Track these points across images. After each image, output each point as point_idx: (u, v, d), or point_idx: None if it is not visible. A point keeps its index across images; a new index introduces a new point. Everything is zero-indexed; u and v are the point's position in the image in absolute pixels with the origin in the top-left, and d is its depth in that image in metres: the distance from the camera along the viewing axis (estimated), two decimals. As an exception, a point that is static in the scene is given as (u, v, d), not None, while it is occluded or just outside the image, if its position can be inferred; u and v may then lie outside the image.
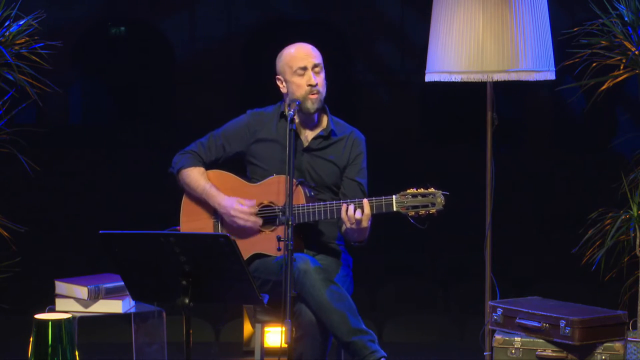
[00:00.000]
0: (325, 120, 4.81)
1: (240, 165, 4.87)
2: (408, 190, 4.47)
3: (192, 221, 4.79)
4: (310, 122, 4.77)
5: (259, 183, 4.72)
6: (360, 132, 4.86)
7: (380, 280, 7.60)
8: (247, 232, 4.66)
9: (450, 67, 4.73)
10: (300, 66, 4.66)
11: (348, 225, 4.47)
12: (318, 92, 4.67)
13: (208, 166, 4.82)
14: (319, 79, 4.68)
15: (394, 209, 4.46)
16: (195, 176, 4.78)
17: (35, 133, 5.52)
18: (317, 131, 4.78)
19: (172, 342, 5.05)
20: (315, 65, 4.68)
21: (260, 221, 4.65)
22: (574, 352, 4.42)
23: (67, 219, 8.27)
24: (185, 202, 4.83)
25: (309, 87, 4.65)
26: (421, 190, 4.46)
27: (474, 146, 6.52)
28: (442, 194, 4.45)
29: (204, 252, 3.84)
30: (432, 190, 4.46)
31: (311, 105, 4.66)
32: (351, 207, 4.46)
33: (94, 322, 5.17)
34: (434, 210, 4.44)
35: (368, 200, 4.49)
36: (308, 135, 4.79)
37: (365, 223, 4.47)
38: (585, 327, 4.36)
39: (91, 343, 6.18)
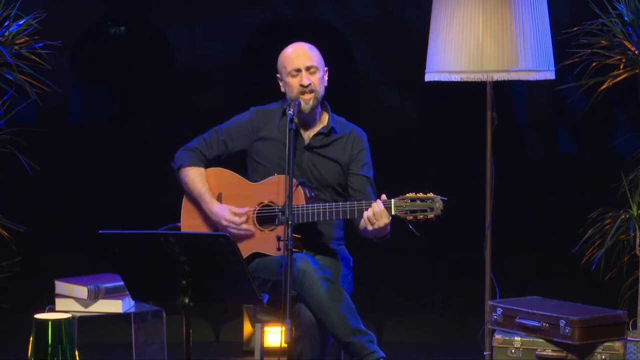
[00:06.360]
0: (326, 118, 4.81)
1: (241, 163, 4.87)
2: (407, 194, 4.46)
3: (193, 218, 4.79)
4: (311, 120, 4.77)
5: (259, 182, 4.72)
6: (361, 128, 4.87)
7: (380, 280, 7.60)
8: (241, 237, 4.66)
9: (450, 66, 4.73)
10: (295, 68, 4.68)
11: (370, 227, 4.46)
12: (312, 92, 4.68)
13: (210, 162, 4.82)
14: (314, 79, 4.68)
15: (392, 212, 4.45)
16: (193, 177, 4.77)
17: (35, 133, 5.52)
18: (318, 128, 4.79)
19: (172, 342, 5.05)
20: (309, 67, 4.68)
21: (252, 229, 4.65)
22: (574, 352, 4.42)
23: (67, 219, 8.27)
24: (186, 199, 4.83)
25: (301, 88, 4.66)
26: (420, 195, 4.45)
27: (474, 146, 6.52)
28: (441, 199, 4.44)
29: (204, 252, 3.83)
30: (430, 195, 4.45)
31: (304, 105, 4.67)
32: (377, 206, 4.43)
33: (94, 322, 5.17)
34: (432, 215, 4.43)
35: (366, 202, 4.49)
36: (309, 133, 4.79)
37: (386, 219, 4.45)
38: (585, 326, 4.37)
39: (91, 343, 6.18)
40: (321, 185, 4.74)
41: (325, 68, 4.76)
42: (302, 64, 4.67)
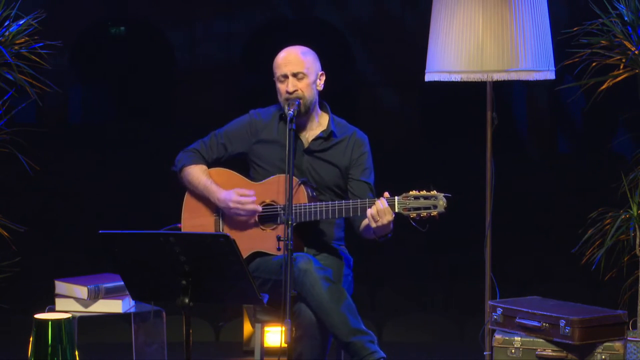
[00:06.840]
0: (326, 120, 4.81)
1: (243, 163, 4.88)
2: (410, 192, 4.46)
3: (194, 218, 4.79)
4: (308, 122, 4.77)
5: (261, 182, 4.73)
6: (362, 131, 4.86)
7: (380, 280, 7.60)
8: (248, 224, 4.66)
9: (450, 66, 4.73)
10: (282, 74, 4.68)
11: (373, 224, 4.45)
12: (298, 98, 4.67)
13: (210, 165, 4.83)
14: (301, 85, 4.67)
15: (396, 210, 4.45)
16: (197, 173, 4.79)
17: (35, 133, 5.52)
18: (317, 132, 4.78)
19: (172, 342, 5.05)
20: (296, 73, 4.67)
21: (259, 208, 4.65)
22: (574, 352, 4.42)
23: (67, 219, 8.27)
24: (187, 199, 4.83)
25: (287, 94, 4.66)
26: (423, 192, 4.45)
27: (474, 146, 6.53)
28: (445, 196, 4.44)
29: (204, 252, 3.84)
30: (434, 192, 4.44)
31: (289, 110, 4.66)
32: (380, 203, 4.43)
33: (94, 322, 5.18)
34: (435, 213, 4.43)
35: (370, 200, 4.50)
36: (308, 137, 4.79)
37: (390, 216, 4.45)
38: (585, 326, 4.37)
39: (91, 343, 6.18)
40: (320, 187, 4.74)
41: (320, 72, 4.75)
42: (288, 70, 4.68)
